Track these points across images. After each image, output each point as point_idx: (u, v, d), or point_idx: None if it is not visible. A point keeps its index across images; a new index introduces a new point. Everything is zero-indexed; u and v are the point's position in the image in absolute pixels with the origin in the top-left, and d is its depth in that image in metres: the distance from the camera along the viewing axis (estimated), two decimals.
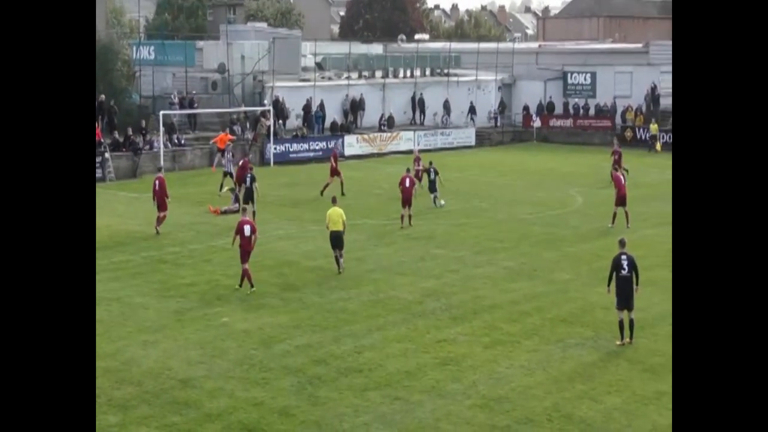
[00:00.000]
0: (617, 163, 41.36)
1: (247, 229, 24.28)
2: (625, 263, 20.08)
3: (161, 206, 31.87)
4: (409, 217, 33.57)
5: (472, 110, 64.26)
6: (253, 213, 32.68)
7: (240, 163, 38.15)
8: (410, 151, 52.01)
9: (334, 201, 27.64)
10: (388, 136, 57.18)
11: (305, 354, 19.35)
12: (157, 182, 32.05)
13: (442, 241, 31.24)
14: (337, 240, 26.61)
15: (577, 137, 63.76)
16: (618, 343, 20.18)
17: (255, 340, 20.27)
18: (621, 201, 33.64)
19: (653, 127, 59.71)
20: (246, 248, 24.20)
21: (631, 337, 20.18)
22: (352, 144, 55.02)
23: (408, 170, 35.32)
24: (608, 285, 20.46)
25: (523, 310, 22.91)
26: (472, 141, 61.74)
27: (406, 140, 57.68)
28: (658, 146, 58.48)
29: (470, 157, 41.85)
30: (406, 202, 33.32)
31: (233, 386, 17.48)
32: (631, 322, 20.18)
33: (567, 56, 70.13)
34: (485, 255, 29.12)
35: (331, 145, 53.28)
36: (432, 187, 38.10)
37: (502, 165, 52.28)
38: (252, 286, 24.26)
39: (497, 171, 49.11)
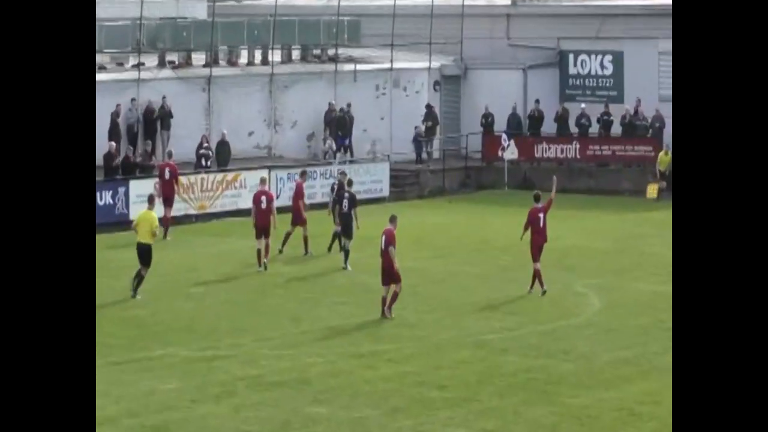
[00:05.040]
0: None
1: (263, 200, 24.87)
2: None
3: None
4: None
5: (342, 129, 37.44)
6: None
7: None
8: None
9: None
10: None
11: None
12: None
13: None
14: None
15: (588, 179, 37.99)
16: None
17: None
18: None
19: (665, 159, 36.06)
20: (261, 223, 24.54)
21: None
22: None
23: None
24: None
25: None
26: (385, 190, 36.58)
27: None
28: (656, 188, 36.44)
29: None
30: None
31: None
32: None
33: (566, 22, 41.55)
34: None
35: None
36: (346, 230, 26.26)
37: (440, 236, 31.47)
38: (260, 264, 24.48)
39: (432, 247, 30.12)
